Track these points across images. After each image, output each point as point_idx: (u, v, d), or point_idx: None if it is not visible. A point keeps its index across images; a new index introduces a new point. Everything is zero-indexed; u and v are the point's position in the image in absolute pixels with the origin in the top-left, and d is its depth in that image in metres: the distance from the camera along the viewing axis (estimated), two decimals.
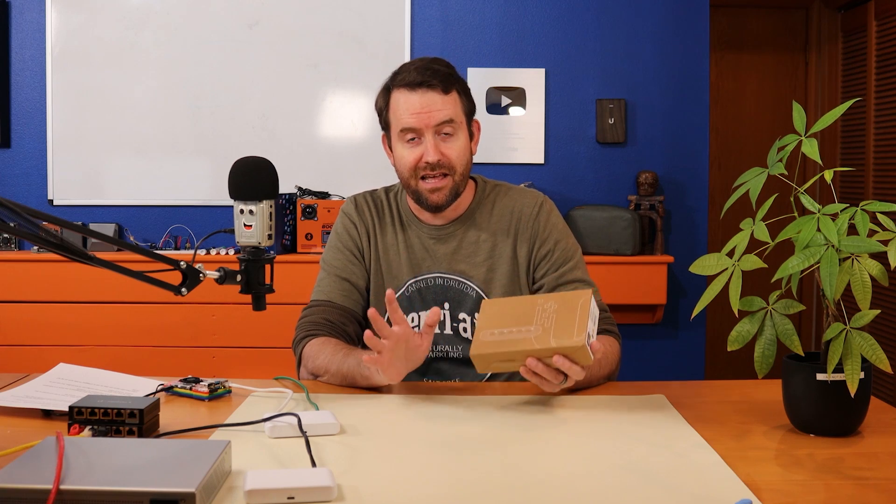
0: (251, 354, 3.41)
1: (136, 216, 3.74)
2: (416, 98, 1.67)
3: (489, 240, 1.78)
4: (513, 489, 1.08)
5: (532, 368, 1.37)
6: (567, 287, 1.73)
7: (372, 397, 1.52)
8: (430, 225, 1.79)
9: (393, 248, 1.80)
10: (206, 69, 3.70)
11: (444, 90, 1.69)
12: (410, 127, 1.68)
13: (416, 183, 1.71)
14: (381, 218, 1.82)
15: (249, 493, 1.03)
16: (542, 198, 1.81)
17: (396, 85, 1.71)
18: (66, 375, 1.57)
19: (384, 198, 1.85)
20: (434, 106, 1.67)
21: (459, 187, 1.73)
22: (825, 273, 1.22)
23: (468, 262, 1.78)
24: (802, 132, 1.31)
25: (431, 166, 1.68)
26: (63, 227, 1.37)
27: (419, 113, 1.67)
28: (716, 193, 4.29)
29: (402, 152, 1.72)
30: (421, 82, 1.67)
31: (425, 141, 1.68)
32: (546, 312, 1.40)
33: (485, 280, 1.77)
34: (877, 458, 1.22)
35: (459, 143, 1.71)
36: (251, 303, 1.41)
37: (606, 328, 1.70)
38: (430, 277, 1.78)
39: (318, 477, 1.07)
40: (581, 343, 1.32)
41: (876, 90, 3.88)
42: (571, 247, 1.79)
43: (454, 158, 1.70)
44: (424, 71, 1.68)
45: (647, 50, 3.70)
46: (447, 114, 1.68)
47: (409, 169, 1.71)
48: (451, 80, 1.71)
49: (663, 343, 3.77)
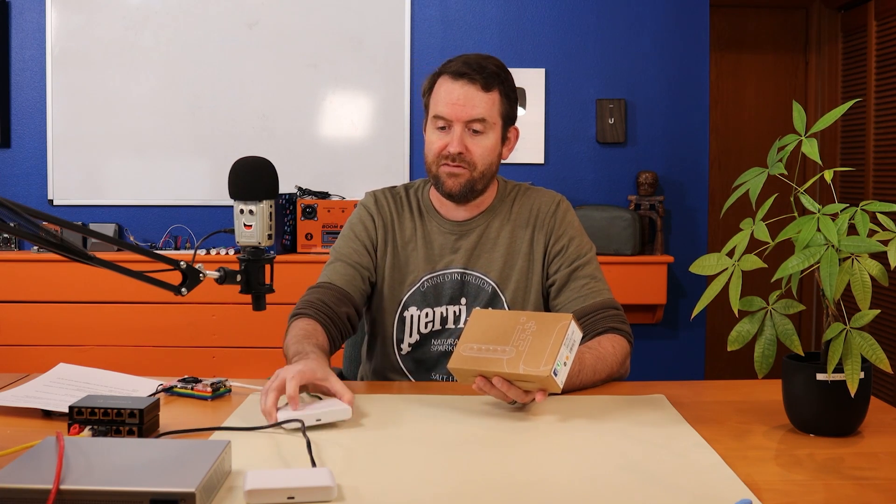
0: (251, 354, 3.41)
1: (136, 216, 3.74)
2: (456, 88, 1.70)
3: (508, 235, 1.80)
4: (513, 489, 1.08)
5: (481, 387, 1.40)
6: (578, 282, 1.74)
7: (372, 397, 1.52)
8: (451, 221, 1.81)
9: (411, 243, 1.82)
10: (206, 69, 3.70)
11: (485, 88, 1.70)
12: (442, 115, 1.71)
13: (436, 168, 1.74)
14: (399, 212, 1.84)
15: (249, 493, 1.02)
16: (559, 197, 1.85)
17: (443, 71, 1.74)
18: (66, 375, 1.57)
19: (403, 193, 1.87)
20: (470, 101, 1.69)
21: (477, 183, 1.74)
22: (825, 273, 1.22)
23: (486, 257, 1.79)
24: (802, 132, 1.31)
25: (452, 157, 1.70)
26: (63, 227, 1.37)
27: (454, 104, 1.69)
28: (716, 193, 4.29)
29: (431, 137, 1.75)
30: (464, 74, 1.70)
31: (453, 132, 1.70)
32: (524, 333, 1.42)
33: (500, 276, 1.78)
34: (877, 458, 1.22)
35: (486, 143, 1.73)
36: (251, 303, 1.41)
37: (615, 326, 1.70)
38: (446, 273, 1.79)
39: (318, 477, 1.06)
40: (546, 374, 1.34)
41: (876, 90, 3.88)
42: (586, 244, 1.80)
43: (477, 155, 1.72)
44: (472, 64, 1.71)
45: (647, 50, 3.70)
46: (480, 112, 1.70)
47: (434, 154, 1.74)
48: (494, 80, 1.72)
49: (663, 343, 3.77)
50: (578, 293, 1.73)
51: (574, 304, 1.72)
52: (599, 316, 1.70)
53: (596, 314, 1.70)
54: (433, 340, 1.79)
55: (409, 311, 1.79)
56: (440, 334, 1.78)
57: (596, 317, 1.70)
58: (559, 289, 1.76)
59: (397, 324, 1.80)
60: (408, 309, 1.79)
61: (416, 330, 1.78)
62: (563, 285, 1.75)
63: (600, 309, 1.71)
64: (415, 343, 1.79)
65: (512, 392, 1.39)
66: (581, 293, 1.73)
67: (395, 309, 1.80)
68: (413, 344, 1.79)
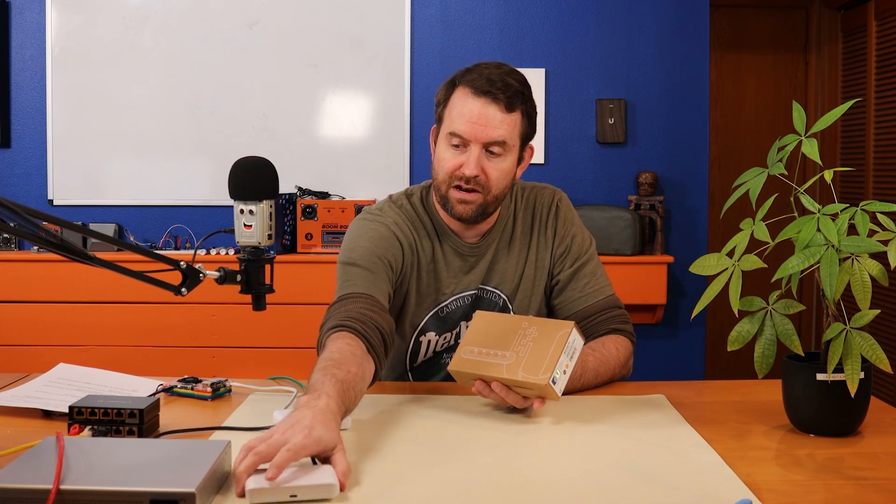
0: (251, 354, 3.40)
1: (136, 216, 3.74)
2: (477, 106, 1.58)
3: (518, 243, 1.75)
4: (513, 489, 1.08)
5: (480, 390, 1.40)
6: (580, 281, 1.73)
7: (373, 397, 1.52)
8: (468, 244, 1.72)
9: (430, 266, 1.71)
10: (206, 69, 3.70)
11: (508, 108, 1.59)
12: (460, 134, 1.59)
13: (446, 189, 1.63)
14: (419, 237, 1.72)
15: (252, 491, 1.02)
16: (556, 193, 1.79)
17: (463, 83, 1.61)
18: (66, 375, 1.57)
19: (415, 212, 1.73)
20: (491, 122, 1.58)
21: (489, 207, 1.64)
22: (825, 273, 1.22)
23: (501, 268, 1.74)
24: (802, 132, 1.31)
25: (467, 179, 1.60)
26: (63, 227, 1.37)
27: (474, 123, 1.58)
28: (716, 193, 4.29)
29: (444, 154, 1.63)
30: (487, 91, 1.57)
31: (470, 152, 1.59)
32: (525, 339, 1.42)
33: (511, 286, 1.75)
34: (877, 458, 1.22)
35: (504, 166, 1.62)
36: (251, 303, 1.41)
37: (618, 327, 1.70)
38: (464, 297, 1.73)
39: (320, 475, 1.06)
40: (545, 382, 1.34)
41: (876, 90, 3.88)
42: (586, 240, 1.78)
43: (493, 179, 1.61)
44: (496, 81, 1.58)
45: (647, 50, 3.70)
46: (501, 134, 1.58)
47: (446, 173, 1.62)
48: (518, 100, 1.60)
49: (663, 343, 3.77)
50: (581, 292, 1.72)
51: (577, 304, 1.72)
52: (603, 317, 1.70)
53: (599, 315, 1.70)
54: (445, 355, 1.76)
55: (428, 335, 1.74)
56: (452, 349, 1.74)
57: (599, 318, 1.70)
58: (562, 288, 1.75)
59: (412, 346, 1.75)
60: (425, 334, 1.73)
61: (432, 350, 1.76)
62: (565, 285, 1.74)
63: (603, 310, 1.70)
64: (427, 359, 1.77)
65: (510, 397, 1.39)
66: (584, 292, 1.72)
67: (412, 333, 1.74)
68: (425, 360, 1.77)
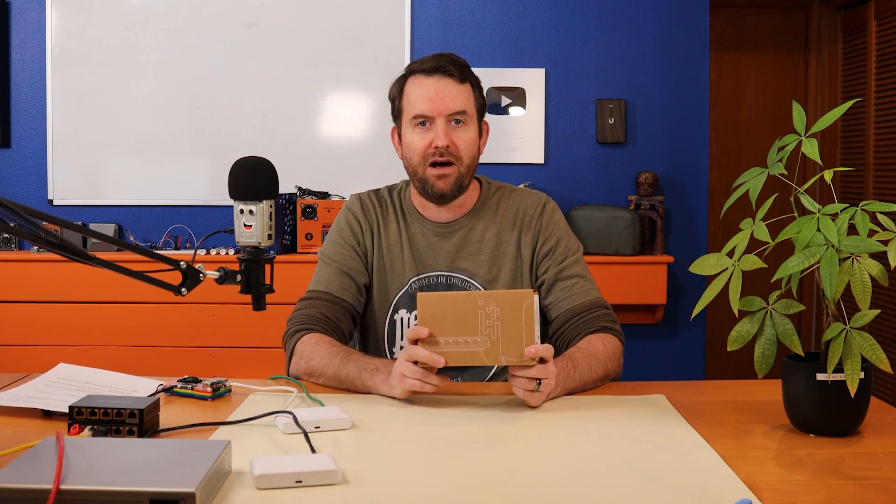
0: (251, 354, 3.41)
1: (136, 216, 3.74)
2: (432, 83, 1.70)
3: (493, 237, 1.79)
4: (513, 488, 1.08)
5: None
6: (567, 282, 1.74)
7: (373, 397, 1.52)
8: (434, 222, 1.80)
9: (396, 246, 1.81)
10: (205, 69, 3.70)
11: (460, 79, 1.71)
12: (423, 113, 1.70)
13: (423, 170, 1.72)
14: (385, 215, 1.83)
15: (259, 478, 1.05)
16: (545, 198, 1.84)
17: (413, 71, 1.74)
18: (66, 375, 1.57)
19: (387, 196, 1.86)
20: (448, 93, 1.69)
21: (464, 179, 1.74)
22: (825, 273, 1.22)
23: (472, 259, 1.79)
24: (802, 132, 1.31)
25: (440, 152, 1.69)
26: (63, 227, 1.37)
27: (433, 99, 1.69)
28: (716, 193, 4.29)
29: (412, 139, 1.73)
30: (437, 67, 1.70)
31: (436, 127, 1.70)
32: (490, 319, 1.37)
33: (488, 277, 1.78)
34: (877, 458, 1.22)
35: (469, 135, 1.73)
36: (251, 303, 1.41)
37: (605, 325, 1.70)
38: (432, 275, 1.79)
39: (322, 461, 1.10)
40: (533, 363, 1.35)
41: (876, 90, 3.88)
42: (573, 244, 1.80)
43: (462, 148, 1.71)
44: (442, 59, 1.72)
45: (647, 50, 3.70)
46: (460, 104, 1.70)
47: (419, 155, 1.72)
48: (467, 72, 1.74)
49: (663, 343, 3.77)
50: (568, 293, 1.73)
51: (563, 305, 1.73)
52: (590, 316, 1.70)
53: (586, 314, 1.70)
54: None
55: (400, 313, 1.79)
56: None
57: (586, 316, 1.70)
58: (548, 289, 1.76)
59: (388, 327, 1.80)
60: (398, 312, 1.79)
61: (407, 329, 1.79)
62: (551, 285, 1.76)
63: (590, 309, 1.71)
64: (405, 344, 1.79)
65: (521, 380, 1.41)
66: (571, 292, 1.73)
67: (385, 312, 1.80)
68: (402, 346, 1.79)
